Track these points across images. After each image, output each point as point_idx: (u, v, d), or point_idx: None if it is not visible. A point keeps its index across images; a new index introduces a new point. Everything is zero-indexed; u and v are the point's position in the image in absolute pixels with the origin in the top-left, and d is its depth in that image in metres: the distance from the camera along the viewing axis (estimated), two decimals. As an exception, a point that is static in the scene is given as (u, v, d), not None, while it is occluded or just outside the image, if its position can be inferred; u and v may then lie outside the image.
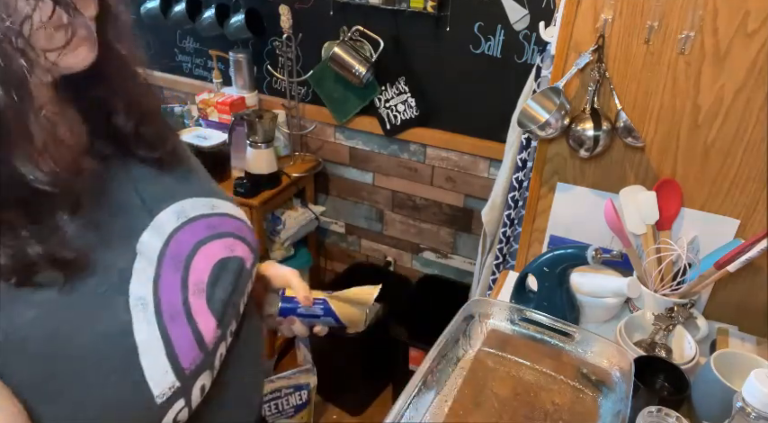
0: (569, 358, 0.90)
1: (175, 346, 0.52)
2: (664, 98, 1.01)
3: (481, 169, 2.01)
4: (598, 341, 0.89)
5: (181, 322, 0.53)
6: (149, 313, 0.51)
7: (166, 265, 0.55)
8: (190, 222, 0.60)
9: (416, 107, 2.00)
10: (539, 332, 0.93)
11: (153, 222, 0.56)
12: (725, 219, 1.06)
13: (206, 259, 0.59)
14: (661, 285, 1.08)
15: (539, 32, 1.18)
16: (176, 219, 0.59)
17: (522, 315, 0.93)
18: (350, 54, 1.90)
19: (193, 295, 0.55)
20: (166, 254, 0.55)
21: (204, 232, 0.60)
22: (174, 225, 0.58)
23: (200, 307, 0.56)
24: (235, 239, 0.64)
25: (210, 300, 0.57)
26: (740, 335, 1.07)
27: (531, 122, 1.07)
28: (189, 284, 0.55)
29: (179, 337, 0.52)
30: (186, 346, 0.53)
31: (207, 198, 0.64)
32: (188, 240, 0.58)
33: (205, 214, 0.62)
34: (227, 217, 0.65)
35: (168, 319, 0.52)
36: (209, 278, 0.58)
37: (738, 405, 0.63)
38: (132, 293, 0.50)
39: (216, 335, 0.56)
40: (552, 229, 1.23)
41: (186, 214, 0.60)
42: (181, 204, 0.60)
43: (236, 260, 0.62)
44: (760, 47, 0.91)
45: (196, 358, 0.54)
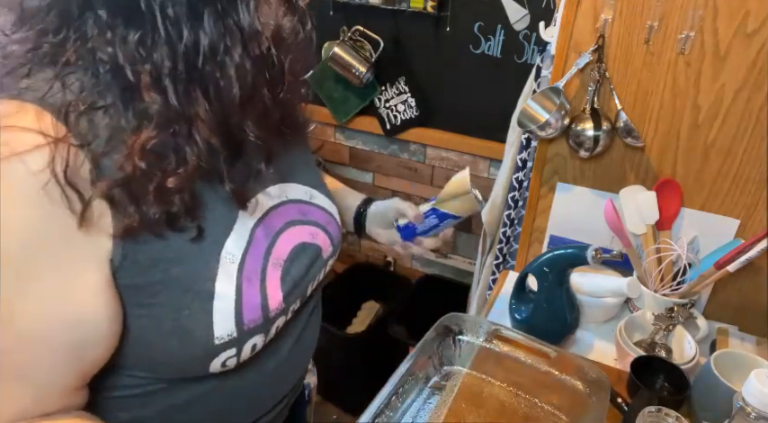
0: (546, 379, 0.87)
1: (244, 303, 0.58)
2: (664, 98, 1.01)
3: (481, 169, 2.01)
4: (574, 361, 0.86)
5: (254, 285, 0.60)
6: (233, 269, 0.58)
7: (258, 234, 0.62)
8: (286, 203, 0.67)
9: (416, 107, 2.00)
10: (513, 351, 0.90)
11: (264, 192, 0.65)
12: (725, 219, 1.06)
13: (290, 239, 0.66)
14: (661, 285, 1.08)
15: (539, 32, 1.18)
16: (279, 196, 0.67)
17: (497, 332, 0.91)
18: (350, 54, 1.90)
19: (271, 266, 0.63)
20: (261, 224, 0.62)
21: (295, 215, 0.68)
22: (275, 201, 0.66)
23: (273, 278, 0.63)
24: (319, 229, 0.71)
25: (284, 275, 0.64)
26: (740, 335, 1.07)
27: (531, 122, 1.07)
28: (271, 256, 0.63)
29: (249, 297, 0.59)
30: (252, 306, 0.59)
31: (308, 187, 0.72)
32: (281, 218, 0.66)
33: (302, 200, 0.70)
34: (319, 208, 0.73)
35: (246, 278, 0.59)
36: (289, 256, 0.65)
37: (738, 405, 0.63)
38: (226, 247, 0.58)
39: (279, 307, 0.63)
40: (552, 229, 1.23)
41: (286, 195, 0.68)
42: (285, 186, 0.68)
43: (314, 247, 0.70)
44: (760, 47, 0.91)
45: (257, 319, 0.60)
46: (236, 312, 0.58)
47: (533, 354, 0.88)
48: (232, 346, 0.59)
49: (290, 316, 0.67)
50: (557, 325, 1.03)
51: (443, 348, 0.91)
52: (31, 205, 0.46)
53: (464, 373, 0.90)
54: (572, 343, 1.08)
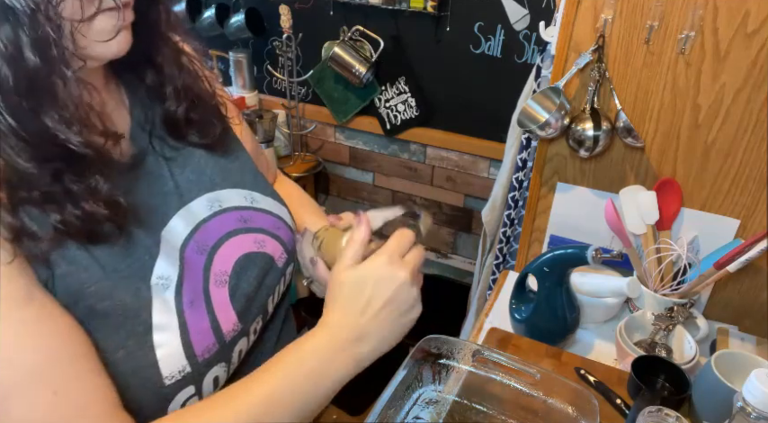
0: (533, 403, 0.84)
1: (191, 330, 0.52)
2: (664, 98, 1.01)
3: (481, 169, 2.01)
4: (560, 383, 0.83)
5: (199, 309, 0.53)
6: (169, 295, 0.52)
7: (190, 252, 0.55)
8: (222, 213, 0.61)
9: (416, 107, 2.00)
10: (496, 374, 0.86)
11: (182, 210, 0.57)
12: (725, 219, 1.06)
13: (231, 251, 0.59)
14: (661, 285, 1.08)
15: (539, 32, 1.18)
16: (209, 208, 0.60)
17: (479, 355, 0.86)
18: (350, 54, 1.90)
19: (214, 285, 0.56)
20: (191, 242, 0.56)
21: (234, 224, 0.61)
22: (205, 214, 0.59)
23: (220, 298, 0.56)
24: (267, 236, 0.63)
25: (233, 292, 0.57)
26: (740, 335, 1.07)
27: (531, 122, 1.07)
28: (211, 274, 0.56)
29: (195, 323, 0.52)
30: (201, 332, 0.53)
31: (247, 190, 0.65)
32: (216, 230, 0.59)
33: (240, 206, 0.63)
34: (264, 213, 0.65)
35: (187, 303, 0.52)
36: (233, 270, 0.58)
37: (739, 405, 0.63)
38: (155, 273, 0.51)
39: (235, 328, 0.56)
40: (552, 229, 1.23)
41: (220, 204, 0.61)
42: (217, 194, 0.61)
43: (263, 256, 0.62)
44: (760, 47, 0.91)
45: (211, 346, 0.54)
46: (183, 343, 0.51)
47: (518, 375, 0.84)
48: (188, 384, 0.52)
49: (253, 337, 0.61)
50: (557, 325, 1.03)
51: (423, 375, 0.86)
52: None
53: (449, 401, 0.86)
54: (572, 343, 1.08)
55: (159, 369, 0.50)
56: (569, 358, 1.01)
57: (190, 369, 0.52)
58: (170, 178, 0.58)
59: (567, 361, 1.00)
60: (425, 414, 0.85)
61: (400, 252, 0.59)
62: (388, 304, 0.56)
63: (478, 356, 0.88)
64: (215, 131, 0.64)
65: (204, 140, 0.63)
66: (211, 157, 0.64)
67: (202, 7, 2.12)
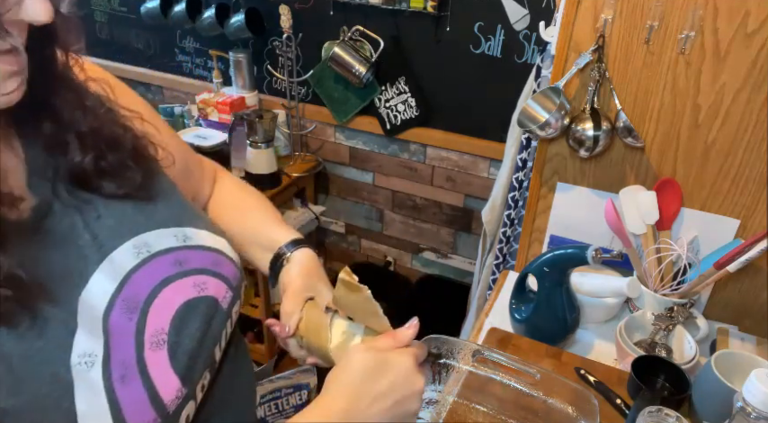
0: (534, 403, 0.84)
1: (125, 412, 0.44)
2: (664, 98, 1.01)
3: (481, 169, 2.01)
4: (560, 383, 0.83)
5: (133, 383, 0.45)
6: (95, 373, 0.43)
7: (118, 314, 0.47)
8: (152, 258, 0.52)
9: (416, 107, 2.00)
10: (496, 374, 0.86)
11: (104, 263, 0.49)
12: (725, 219, 1.06)
13: (167, 303, 0.51)
14: (661, 285, 1.08)
15: (539, 32, 1.18)
16: (135, 255, 0.51)
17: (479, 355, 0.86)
18: (350, 54, 1.90)
19: (150, 349, 0.48)
20: (117, 301, 0.48)
21: (168, 270, 0.52)
22: (131, 263, 0.50)
23: (158, 363, 0.48)
24: (207, 276, 0.55)
25: (173, 352, 0.49)
26: (740, 335, 1.07)
27: (531, 122, 1.07)
28: (145, 336, 0.48)
29: (130, 402, 0.45)
30: (137, 409, 0.45)
31: (177, 228, 0.56)
32: (146, 282, 0.50)
33: (173, 248, 0.54)
34: (200, 250, 0.57)
35: (118, 379, 0.45)
36: (172, 326, 0.50)
37: (739, 405, 0.63)
38: (75, 351, 0.43)
39: (178, 395, 0.48)
40: (552, 229, 1.23)
41: (149, 249, 0.52)
42: (143, 238, 0.53)
43: (206, 300, 0.54)
44: (760, 47, 0.91)
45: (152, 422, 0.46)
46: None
47: (518, 375, 0.85)
48: None
49: (201, 395, 0.53)
50: (557, 325, 1.03)
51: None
52: None
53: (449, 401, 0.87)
54: (572, 343, 1.08)
55: None
56: (569, 358, 1.01)
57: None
58: (84, 228, 0.50)
59: (567, 361, 1.00)
60: (425, 414, 0.85)
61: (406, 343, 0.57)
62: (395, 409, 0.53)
63: (478, 356, 0.87)
64: (134, 179, 0.54)
65: (121, 191, 0.53)
66: (132, 203, 0.55)
67: (202, 7, 2.12)
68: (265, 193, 1.99)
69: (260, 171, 1.98)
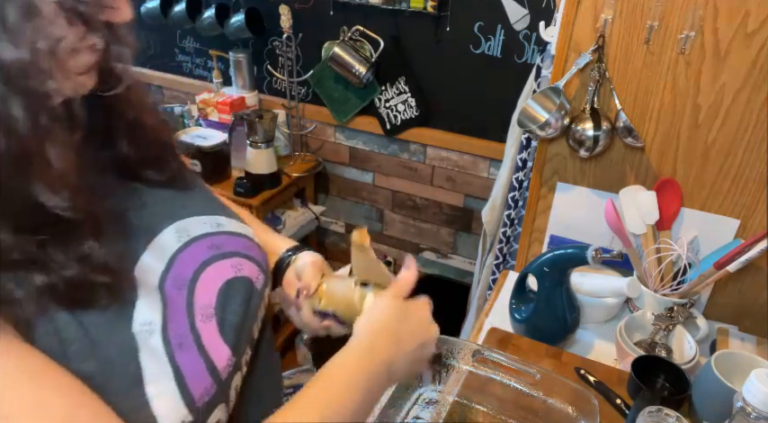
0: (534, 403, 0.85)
1: (185, 375, 0.48)
2: (664, 98, 1.01)
3: (481, 169, 2.01)
4: (560, 383, 0.84)
5: (190, 351, 0.49)
6: (155, 340, 0.47)
7: (170, 289, 0.51)
8: (192, 242, 0.56)
9: (416, 107, 2.00)
10: (496, 374, 0.87)
11: (151, 245, 0.53)
12: (725, 219, 1.06)
13: (212, 281, 0.55)
14: (661, 285, 1.08)
15: (539, 32, 1.18)
16: (177, 239, 0.55)
17: (480, 355, 0.87)
18: (350, 54, 1.90)
19: (201, 321, 0.52)
20: (168, 277, 0.52)
21: (208, 252, 0.57)
22: (175, 246, 0.55)
23: (209, 333, 0.52)
24: (242, 258, 0.60)
25: (222, 325, 0.53)
26: (740, 335, 1.07)
27: (531, 122, 1.07)
28: (195, 309, 0.52)
29: (189, 367, 0.48)
30: (197, 376, 0.49)
31: (211, 216, 0.61)
32: (191, 261, 0.55)
33: (209, 233, 0.59)
34: (233, 235, 0.61)
35: (176, 346, 0.48)
36: (217, 301, 0.54)
37: (739, 405, 0.63)
38: (137, 319, 0.47)
39: (229, 363, 0.53)
40: (552, 229, 1.23)
41: (189, 234, 0.57)
42: (183, 223, 0.57)
43: (243, 280, 0.58)
44: (760, 47, 0.91)
45: (209, 389, 0.50)
46: (179, 390, 0.47)
47: (518, 375, 0.85)
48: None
49: (245, 369, 0.57)
50: (557, 325, 1.03)
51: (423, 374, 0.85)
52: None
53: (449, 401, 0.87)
54: (572, 343, 1.08)
55: (157, 421, 0.45)
56: (569, 358, 1.01)
57: (191, 417, 0.48)
58: (134, 213, 0.55)
59: (567, 361, 1.00)
60: (425, 414, 0.85)
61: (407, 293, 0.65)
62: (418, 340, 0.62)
63: (478, 356, 0.88)
64: (172, 169, 0.60)
65: (161, 177, 0.59)
66: (167, 191, 0.60)
67: (202, 7, 2.12)
68: (265, 193, 1.99)
69: (260, 171, 1.98)
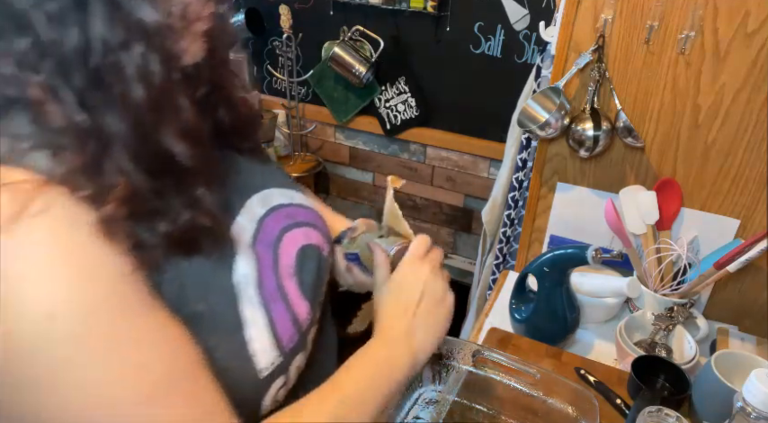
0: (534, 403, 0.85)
1: (276, 323, 0.54)
2: (664, 98, 1.01)
3: (481, 169, 2.01)
4: (560, 382, 0.84)
5: (279, 302, 0.56)
6: (252, 290, 0.53)
7: (260, 248, 0.57)
8: (273, 210, 0.63)
9: (416, 107, 2.00)
10: (496, 374, 0.87)
11: (243, 209, 0.59)
12: (725, 219, 1.06)
13: (290, 245, 0.61)
14: (661, 285, 1.08)
15: (539, 32, 1.18)
16: (262, 206, 0.62)
17: (479, 354, 0.87)
18: (350, 54, 1.90)
19: (285, 278, 0.58)
20: (258, 238, 0.58)
21: (285, 220, 0.63)
22: (261, 212, 0.61)
23: (292, 289, 0.58)
24: (311, 228, 0.66)
25: (301, 284, 0.60)
26: (740, 335, 1.07)
27: (531, 122, 1.07)
28: (280, 268, 0.58)
29: (279, 316, 0.55)
30: (285, 325, 0.55)
31: (286, 189, 0.68)
32: (274, 227, 0.61)
33: (285, 204, 0.65)
34: (303, 208, 0.68)
35: (267, 297, 0.55)
36: (296, 263, 0.60)
37: (739, 405, 0.63)
38: (236, 271, 0.53)
39: (308, 317, 0.59)
40: (552, 229, 1.23)
41: (270, 203, 0.63)
42: (265, 193, 0.64)
43: (314, 248, 0.65)
44: (760, 47, 0.91)
45: (293, 337, 0.56)
46: (271, 336, 0.53)
47: (518, 375, 0.85)
48: (279, 375, 0.55)
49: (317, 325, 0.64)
50: (557, 325, 1.03)
51: (423, 375, 0.87)
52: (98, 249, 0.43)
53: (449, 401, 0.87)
54: (572, 343, 1.08)
55: (254, 363, 0.51)
56: (569, 358, 1.01)
57: (280, 360, 0.54)
58: (230, 179, 0.60)
59: (567, 361, 1.00)
60: (425, 414, 0.85)
61: (420, 255, 0.68)
62: (422, 300, 0.65)
63: (478, 356, 0.88)
64: (256, 138, 0.68)
65: (250, 146, 0.67)
66: (252, 162, 0.67)
67: (202, 7, 2.12)
68: (265, 193, 1.99)
69: (260, 171, 1.98)
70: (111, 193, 0.43)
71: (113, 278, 0.43)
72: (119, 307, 0.43)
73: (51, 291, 0.39)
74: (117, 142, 0.44)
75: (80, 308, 0.40)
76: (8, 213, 0.38)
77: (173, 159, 0.47)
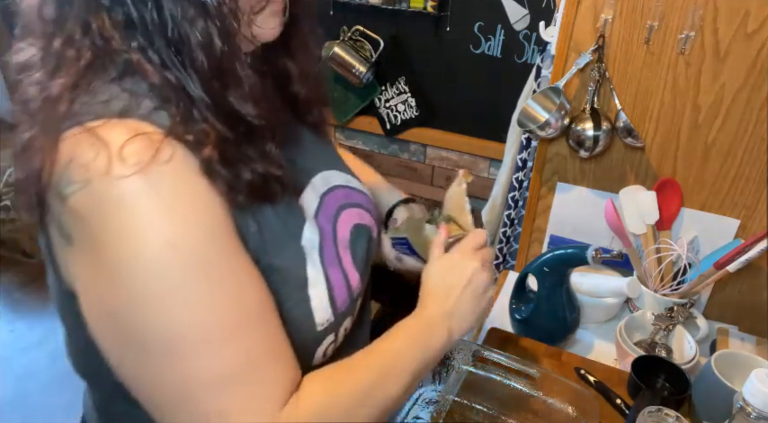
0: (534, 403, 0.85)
1: (333, 286, 0.61)
2: (664, 98, 1.01)
3: (481, 169, 2.01)
4: (561, 385, 0.84)
5: (336, 269, 0.62)
6: (315, 255, 0.60)
7: (322, 220, 0.64)
8: (332, 189, 0.69)
9: (416, 107, 2.00)
10: (496, 374, 0.88)
11: (311, 184, 0.66)
12: (725, 219, 1.06)
13: (346, 221, 0.68)
14: (661, 285, 1.08)
15: (539, 32, 1.18)
16: (324, 184, 0.68)
17: (479, 354, 0.88)
18: (350, 54, 1.90)
19: (341, 249, 0.65)
20: (320, 211, 0.65)
21: (342, 199, 0.70)
22: (323, 189, 0.68)
23: (347, 260, 0.65)
24: (364, 211, 0.73)
25: (354, 257, 0.66)
26: (740, 335, 1.07)
27: (531, 122, 1.07)
28: (338, 239, 0.65)
29: (336, 281, 0.61)
30: (340, 289, 0.62)
31: (344, 173, 0.74)
32: (333, 203, 0.68)
33: (342, 185, 0.72)
34: (358, 192, 0.74)
35: (327, 263, 0.61)
36: (350, 238, 0.67)
37: (739, 405, 0.63)
38: (304, 235, 0.60)
39: (358, 286, 0.66)
40: (552, 229, 1.23)
41: (330, 182, 0.70)
42: (327, 173, 0.70)
43: (366, 227, 0.72)
44: (760, 47, 0.91)
45: (345, 301, 0.62)
46: (329, 297, 0.60)
47: (518, 375, 0.86)
48: (331, 332, 0.61)
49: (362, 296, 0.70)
50: (557, 325, 1.03)
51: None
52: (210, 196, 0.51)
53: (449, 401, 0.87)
54: (572, 343, 1.08)
55: (314, 318, 0.58)
56: (569, 358, 1.01)
57: (333, 319, 0.60)
58: (296, 155, 0.66)
59: (567, 361, 1.00)
60: (425, 414, 0.85)
61: (474, 246, 0.71)
62: (466, 287, 0.68)
63: (478, 356, 0.88)
64: (324, 115, 0.75)
65: (315, 120, 0.73)
66: (316, 140, 0.74)
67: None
68: (265, 193, 1.99)
69: (260, 171, 1.98)
70: (206, 139, 0.50)
71: (218, 218, 0.51)
72: (221, 244, 0.51)
73: (173, 224, 0.47)
74: (198, 99, 0.51)
75: (195, 241, 0.48)
76: (144, 158, 0.46)
77: (243, 118, 0.53)
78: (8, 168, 2.74)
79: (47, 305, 2.54)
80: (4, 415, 1.99)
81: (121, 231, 0.46)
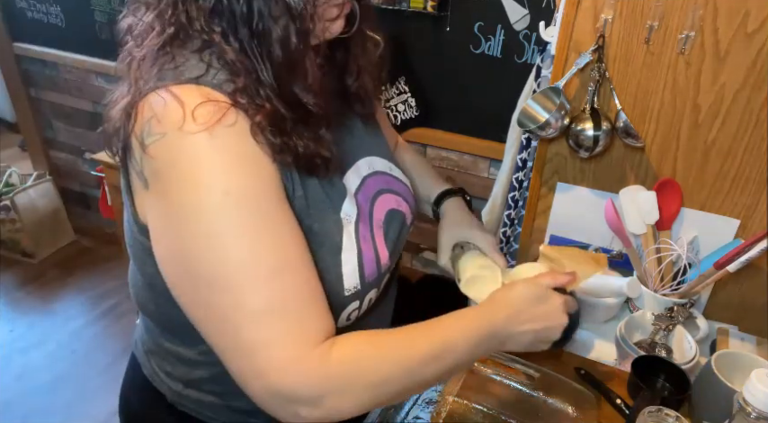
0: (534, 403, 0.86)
1: (363, 258, 0.67)
2: (664, 98, 1.01)
3: (481, 169, 2.01)
4: (561, 385, 0.85)
5: (368, 242, 0.69)
6: (351, 228, 0.67)
7: (361, 199, 0.71)
8: (374, 174, 0.76)
9: (416, 107, 2.00)
10: (496, 374, 0.89)
11: (355, 165, 0.73)
12: (725, 219, 1.06)
13: (383, 204, 0.75)
14: (661, 285, 1.08)
15: (539, 32, 1.18)
16: (367, 168, 0.75)
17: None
18: (350, 54, 1.90)
19: (376, 228, 0.71)
20: (360, 190, 0.72)
21: (382, 185, 0.77)
22: (366, 172, 0.75)
23: (380, 238, 0.72)
24: (401, 198, 0.79)
25: (386, 236, 0.73)
26: (740, 335, 1.07)
27: (531, 122, 1.07)
28: (373, 219, 0.72)
29: (367, 253, 0.68)
30: (370, 261, 0.68)
31: (387, 161, 0.81)
32: (373, 186, 0.75)
33: (384, 172, 0.78)
34: (398, 180, 0.81)
35: (361, 237, 0.68)
36: (385, 220, 0.74)
37: (739, 405, 0.63)
38: (343, 209, 0.67)
39: (387, 263, 0.72)
40: (552, 229, 1.23)
41: (373, 167, 0.77)
42: (371, 159, 0.77)
43: (401, 213, 0.78)
44: (760, 47, 0.91)
45: (373, 273, 0.69)
46: (358, 266, 0.66)
47: (518, 375, 0.86)
48: (356, 299, 0.67)
49: (389, 274, 0.76)
50: (557, 325, 1.03)
51: None
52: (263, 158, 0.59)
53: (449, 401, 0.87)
54: (572, 343, 1.08)
55: (343, 282, 0.65)
56: (569, 358, 1.01)
57: (360, 287, 0.67)
58: (345, 139, 0.73)
59: (567, 361, 1.00)
60: (425, 414, 0.85)
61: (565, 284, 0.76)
62: (541, 331, 0.71)
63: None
64: (372, 107, 0.81)
65: (364, 111, 0.79)
66: (365, 128, 0.80)
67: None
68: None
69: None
70: (261, 110, 0.58)
71: (269, 176, 0.59)
72: (269, 197, 0.58)
73: (229, 176, 0.56)
74: (267, 83, 0.59)
75: (247, 191, 0.56)
76: (211, 120, 0.55)
77: (303, 104, 0.61)
78: (8, 168, 2.74)
79: (47, 305, 2.54)
80: (4, 415, 2.00)
81: (187, 178, 0.55)
